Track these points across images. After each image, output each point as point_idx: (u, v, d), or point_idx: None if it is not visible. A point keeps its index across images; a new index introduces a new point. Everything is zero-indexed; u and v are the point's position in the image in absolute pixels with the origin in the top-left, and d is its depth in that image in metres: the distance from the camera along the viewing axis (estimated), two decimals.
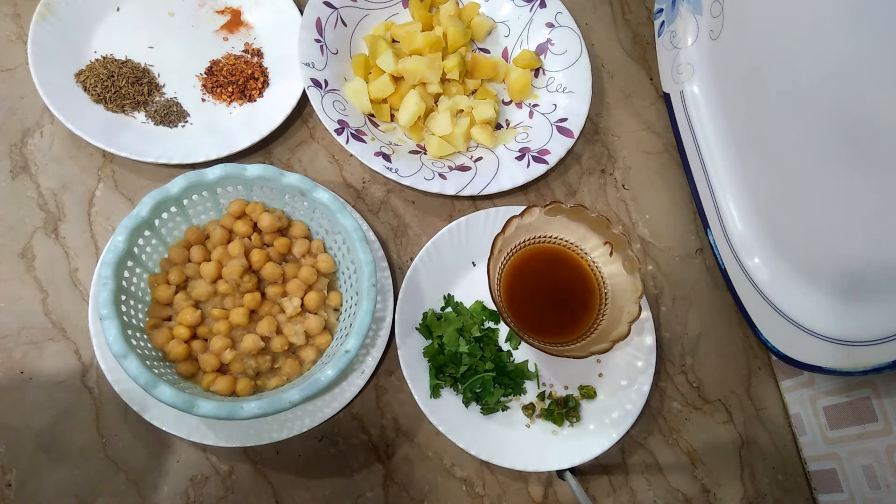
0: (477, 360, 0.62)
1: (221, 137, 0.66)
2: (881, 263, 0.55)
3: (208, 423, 0.57)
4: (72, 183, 0.64)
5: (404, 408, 0.63)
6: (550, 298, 0.65)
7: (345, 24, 0.73)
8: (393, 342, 0.63)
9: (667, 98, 0.78)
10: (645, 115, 0.81)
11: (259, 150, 0.69)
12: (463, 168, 0.70)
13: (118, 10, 0.70)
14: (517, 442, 0.62)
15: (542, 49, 0.78)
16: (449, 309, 0.65)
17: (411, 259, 0.65)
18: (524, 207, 0.60)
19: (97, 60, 0.67)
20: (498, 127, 0.75)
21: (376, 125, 0.71)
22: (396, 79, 0.71)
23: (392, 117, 0.72)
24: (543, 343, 0.58)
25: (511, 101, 0.77)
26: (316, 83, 0.67)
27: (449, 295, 0.66)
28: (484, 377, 0.62)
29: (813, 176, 0.60)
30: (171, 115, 0.67)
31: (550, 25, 0.77)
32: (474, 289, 0.66)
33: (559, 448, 0.62)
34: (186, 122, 0.68)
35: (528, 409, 0.63)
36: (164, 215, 0.56)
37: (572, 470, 0.61)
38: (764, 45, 0.64)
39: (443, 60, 0.72)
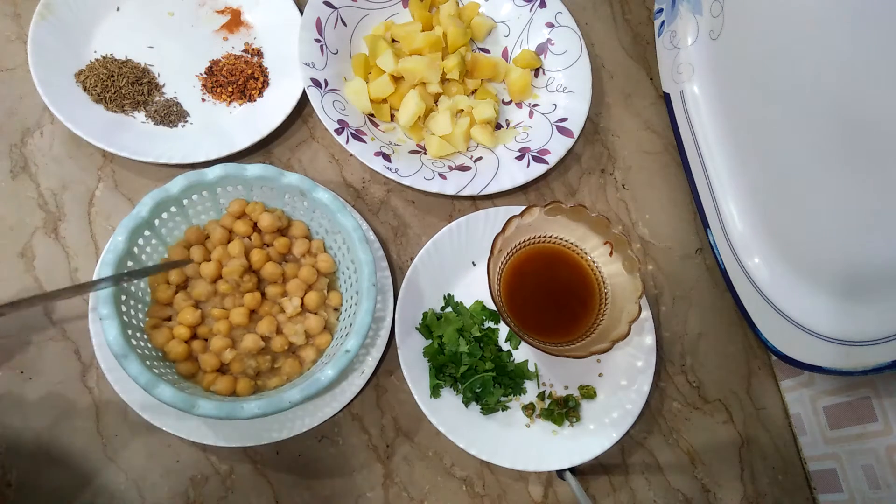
0: (477, 360, 0.62)
1: (221, 137, 0.66)
2: (881, 263, 0.55)
3: (208, 423, 0.57)
4: (72, 183, 0.64)
5: (404, 408, 0.63)
6: (550, 298, 0.65)
7: (345, 24, 0.73)
8: (393, 342, 0.63)
9: (667, 98, 0.78)
10: (645, 115, 0.81)
11: (259, 150, 0.69)
12: (463, 168, 0.70)
13: (118, 10, 0.70)
14: (517, 442, 0.62)
15: (542, 49, 0.78)
16: (449, 309, 0.65)
17: (411, 259, 0.65)
18: (524, 207, 0.60)
19: (97, 60, 0.67)
20: (498, 127, 0.75)
21: (376, 125, 0.71)
22: (396, 79, 0.71)
23: (392, 117, 0.72)
24: (543, 343, 0.58)
25: (511, 101, 0.77)
26: (316, 83, 0.67)
27: (449, 295, 0.66)
28: (484, 377, 0.62)
29: (813, 175, 0.60)
30: (171, 115, 0.67)
31: (550, 25, 0.77)
32: (474, 289, 0.66)
33: (559, 448, 0.62)
34: (186, 122, 0.68)
35: (528, 409, 0.63)
36: (164, 215, 0.56)
37: (572, 470, 0.61)
38: (764, 44, 0.64)
39: (443, 60, 0.72)
